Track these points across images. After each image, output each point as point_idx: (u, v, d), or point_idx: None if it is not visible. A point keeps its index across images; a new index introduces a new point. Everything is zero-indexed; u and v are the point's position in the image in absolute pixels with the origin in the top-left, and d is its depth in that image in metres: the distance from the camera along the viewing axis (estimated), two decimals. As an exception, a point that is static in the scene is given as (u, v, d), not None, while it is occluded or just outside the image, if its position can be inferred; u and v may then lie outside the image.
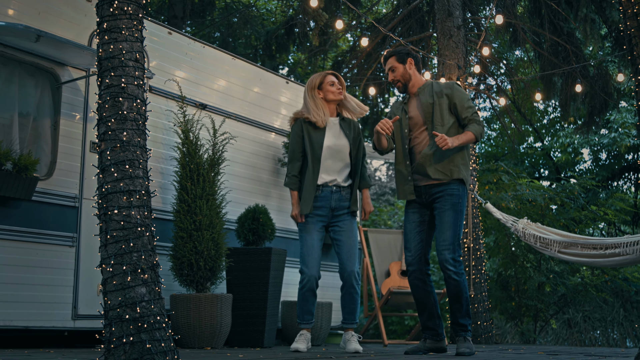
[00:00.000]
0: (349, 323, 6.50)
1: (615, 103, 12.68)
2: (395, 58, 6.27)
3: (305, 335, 6.50)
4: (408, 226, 6.22)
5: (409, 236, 6.18)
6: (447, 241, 5.97)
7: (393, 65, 6.28)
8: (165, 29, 7.99)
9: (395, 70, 6.27)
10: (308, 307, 6.47)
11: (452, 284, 6.02)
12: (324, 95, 6.55)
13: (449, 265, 5.97)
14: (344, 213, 6.47)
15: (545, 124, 20.68)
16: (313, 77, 6.66)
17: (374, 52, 13.50)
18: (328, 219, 6.47)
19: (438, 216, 6.06)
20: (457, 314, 6.12)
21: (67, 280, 6.71)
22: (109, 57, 4.50)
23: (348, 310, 6.48)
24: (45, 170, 6.67)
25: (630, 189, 19.85)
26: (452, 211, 6.01)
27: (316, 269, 6.36)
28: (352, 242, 6.45)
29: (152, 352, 4.12)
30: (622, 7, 4.89)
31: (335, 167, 6.47)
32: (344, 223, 6.46)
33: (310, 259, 6.36)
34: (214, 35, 16.83)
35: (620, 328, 15.72)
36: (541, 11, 12.03)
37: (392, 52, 6.33)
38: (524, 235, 8.70)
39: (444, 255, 5.97)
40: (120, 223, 4.29)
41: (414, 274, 6.14)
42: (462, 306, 6.10)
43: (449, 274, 5.98)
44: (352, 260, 6.39)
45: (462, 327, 6.12)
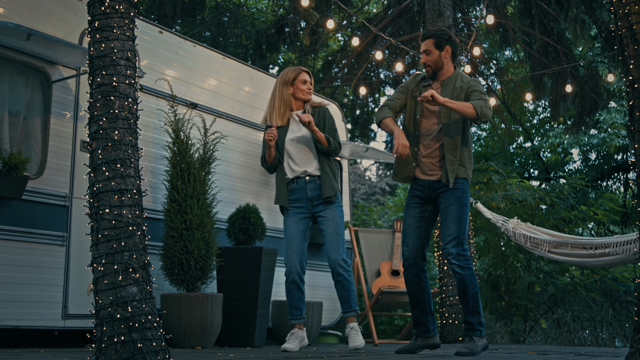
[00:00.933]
0: (347, 311, 6.49)
1: (605, 103, 12.71)
2: (434, 41, 6.01)
3: (297, 334, 6.49)
4: (408, 220, 6.13)
5: (408, 231, 6.10)
6: (451, 235, 5.90)
7: (429, 48, 6.01)
8: (156, 28, 7.97)
9: (430, 54, 6.01)
10: (294, 302, 6.48)
11: (457, 278, 5.94)
12: (293, 92, 6.58)
13: (453, 259, 5.89)
14: (321, 204, 6.49)
15: (535, 124, 20.73)
16: (287, 71, 6.65)
17: (365, 52, 13.50)
18: (309, 210, 6.51)
19: (443, 211, 5.99)
20: (464, 311, 6.04)
21: (57, 280, 6.68)
22: (101, 56, 4.49)
23: (342, 299, 6.49)
24: (35, 169, 6.65)
25: (620, 189, 19.92)
26: (456, 205, 5.93)
27: (296, 260, 6.40)
28: (334, 230, 6.43)
29: (144, 351, 4.12)
30: (613, 7, 4.90)
31: (301, 158, 6.51)
32: (325, 212, 6.48)
33: (290, 250, 6.43)
34: (204, 35, 16.80)
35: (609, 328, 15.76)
36: (531, 11, 12.06)
37: (431, 33, 6.06)
38: (514, 235, 8.73)
39: (447, 250, 5.91)
40: (111, 222, 4.29)
41: (409, 268, 6.08)
42: (469, 302, 5.98)
43: (453, 267, 5.91)
44: (335, 249, 6.39)
45: (470, 325, 6.00)
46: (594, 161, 19.56)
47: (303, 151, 6.54)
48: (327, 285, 9.72)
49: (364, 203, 24.89)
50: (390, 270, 9.38)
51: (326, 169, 6.50)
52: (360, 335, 6.46)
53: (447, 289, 10.05)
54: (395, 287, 9.15)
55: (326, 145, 6.38)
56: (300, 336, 6.53)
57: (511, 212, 11.41)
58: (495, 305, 12.67)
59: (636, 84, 4.68)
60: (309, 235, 6.58)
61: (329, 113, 6.65)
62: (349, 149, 10.37)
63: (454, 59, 6.14)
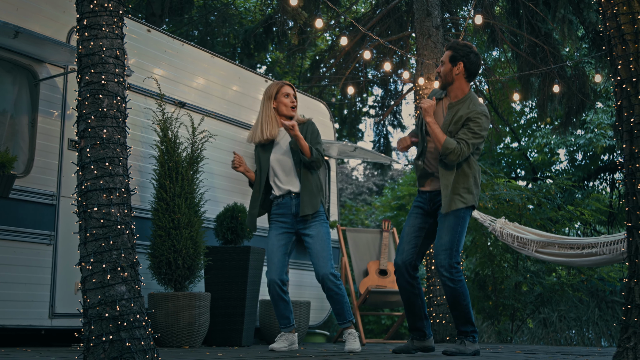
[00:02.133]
0: (342, 323, 6.48)
1: (592, 104, 12.75)
2: (449, 55, 5.90)
3: (287, 336, 6.49)
4: (407, 229, 6.07)
5: (405, 239, 6.03)
6: (444, 245, 5.77)
7: (444, 59, 5.91)
8: (144, 26, 7.95)
9: (443, 65, 5.91)
10: (280, 312, 6.48)
11: (448, 291, 5.81)
12: (276, 106, 6.47)
13: (444, 270, 5.76)
14: (307, 220, 6.42)
15: (522, 124, 20.79)
16: (270, 86, 6.55)
17: (353, 52, 13.51)
18: (293, 226, 6.46)
19: (440, 222, 5.89)
20: (456, 321, 5.94)
21: (45, 279, 6.66)
22: (89, 54, 4.48)
23: (336, 312, 6.48)
24: (22, 168, 6.62)
25: (606, 189, 20.00)
26: (453, 216, 5.80)
27: (276, 273, 6.35)
28: (319, 245, 6.36)
29: (132, 350, 4.11)
30: (601, 8, 4.92)
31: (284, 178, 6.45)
32: (309, 229, 6.41)
33: (271, 264, 6.40)
34: (192, 34, 16.77)
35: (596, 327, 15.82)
36: (519, 12, 12.09)
37: (452, 45, 5.94)
38: (501, 235, 8.75)
39: (439, 260, 5.78)
40: (100, 221, 4.27)
41: (401, 276, 6.02)
42: (460, 314, 5.87)
43: (444, 280, 5.78)
44: (322, 264, 6.32)
45: (463, 333, 5.93)
46: (581, 161, 19.62)
47: (287, 170, 6.44)
48: (315, 284, 9.70)
49: (351, 203, 24.92)
50: (377, 269, 9.39)
51: (308, 186, 6.37)
52: (358, 341, 6.44)
53: (434, 288, 10.07)
54: (382, 286, 9.16)
55: (308, 155, 6.26)
56: (291, 339, 6.52)
57: (498, 212, 11.42)
58: (482, 305, 12.69)
59: (624, 85, 4.69)
60: (290, 248, 6.50)
61: (314, 127, 6.53)
62: (337, 149, 10.38)
63: (468, 78, 5.94)
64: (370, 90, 17.73)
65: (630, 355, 4.40)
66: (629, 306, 4.51)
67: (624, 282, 4.62)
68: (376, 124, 16.43)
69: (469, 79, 5.94)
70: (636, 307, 4.45)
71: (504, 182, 12.62)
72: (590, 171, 19.22)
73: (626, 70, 4.70)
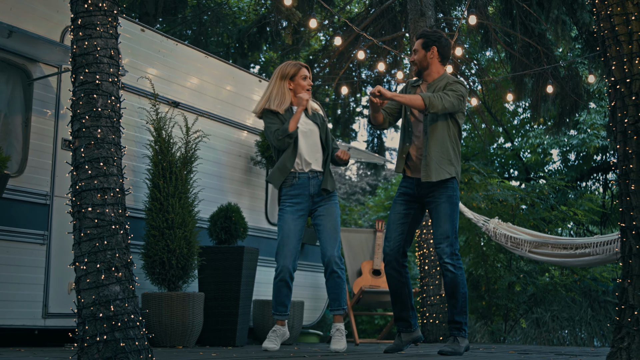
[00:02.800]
0: (335, 309, 6.31)
1: (585, 104, 12.77)
2: (421, 42, 6.07)
3: (278, 331, 6.39)
4: (392, 216, 6.09)
5: (392, 226, 6.06)
6: (444, 234, 5.84)
7: (417, 47, 6.08)
8: (138, 26, 7.95)
9: (417, 53, 6.07)
10: (281, 299, 6.32)
11: (449, 277, 5.85)
12: (294, 88, 6.40)
13: (447, 257, 5.82)
14: (324, 198, 6.34)
15: (515, 124, 20.81)
16: (286, 65, 6.45)
17: (346, 52, 13.51)
18: (308, 207, 6.32)
19: (434, 209, 5.93)
20: (452, 310, 5.96)
21: (38, 279, 6.65)
22: (84, 54, 4.48)
23: (333, 296, 6.31)
24: (16, 168, 6.61)
25: (599, 189, 20.04)
26: (448, 203, 5.88)
27: (290, 259, 6.17)
28: (332, 225, 6.28)
29: (126, 350, 4.11)
30: (595, 9, 4.93)
31: (309, 152, 6.34)
32: (324, 207, 6.32)
33: (285, 249, 6.19)
34: (185, 33, 16.75)
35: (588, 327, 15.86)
36: (512, 12, 12.11)
37: (421, 33, 6.13)
38: (495, 235, 8.77)
39: (441, 248, 5.83)
40: (94, 221, 4.27)
41: (390, 264, 6.04)
42: (458, 302, 5.91)
43: (447, 266, 5.82)
44: (332, 245, 6.22)
45: (457, 324, 5.94)
46: (574, 162, 19.66)
47: (312, 145, 6.37)
48: (309, 284, 9.74)
49: (345, 203, 24.92)
50: (371, 269, 9.40)
51: (328, 166, 6.39)
52: (344, 339, 6.33)
53: (427, 288, 10.07)
54: (376, 286, 9.16)
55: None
56: (282, 333, 6.44)
57: (492, 212, 11.44)
58: (476, 304, 12.71)
59: (618, 85, 4.71)
60: (303, 232, 6.38)
61: (323, 115, 6.59)
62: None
63: (442, 61, 6.13)
64: (364, 90, 17.74)
65: (624, 355, 4.41)
66: (623, 306, 4.52)
67: (618, 282, 4.63)
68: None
69: (442, 62, 6.14)
70: (630, 308, 4.46)
71: (497, 182, 12.65)
72: (583, 171, 19.26)
73: (620, 71, 4.72)
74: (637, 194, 4.54)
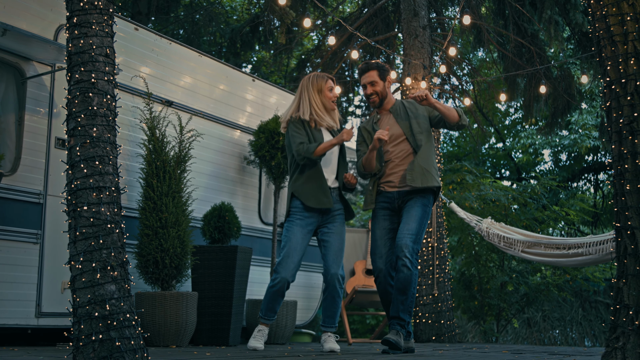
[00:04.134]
0: (328, 327, 6.32)
1: (577, 104, 12.80)
2: (378, 73, 6.26)
3: (264, 331, 6.39)
4: (378, 232, 6.13)
5: (380, 242, 6.10)
6: (411, 231, 5.90)
7: (374, 79, 6.24)
8: (131, 24, 7.93)
9: (376, 84, 6.25)
10: (273, 306, 6.32)
11: (405, 274, 5.84)
12: (320, 100, 6.38)
13: (407, 253, 5.84)
14: (334, 215, 6.31)
15: (507, 124, 20.86)
16: (316, 78, 6.44)
17: (339, 51, 13.50)
18: (317, 222, 6.29)
19: (406, 211, 6.01)
20: (399, 306, 5.93)
21: (31, 278, 6.63)
22: (79, 52, 4.46)
23: (329, 313, 6.31)
24: (9, 166, 6.58)
25: (590, 189, 20.10)
26: (420, 208, 5.99)
27: (292, 273, 6.12)
28: (339, 244, 6.25)
29: (122, 349, 4.09)
30: (590, 9, 4.94)
31: (329, 168, 6.33)
32: (333, 225, 6.28)
33: (289, 261, 6.12)
34: (177, 33, 16.72)
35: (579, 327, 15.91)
36: (505, 12, 12.12)
37: (374, 65, 6.29)
38: (488, 235, 8.78)
39: (404, 241, 5.86)
40: (89, 220, 4.25)
41: (384, 278, 6.07)
42: (407, 299, 5.92)
43: (405, 261, 5.83)
44: (337, 263, 6.18)
45: (401, 321, 5.96)
46: (565, 162, 19.72)
47: (330, 162, 6.36)
48: (302, 284, 9.73)
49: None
50: (364, 269, 9.39)
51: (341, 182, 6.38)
52: (336, 343, 6.36)
53: (420, 288, 10.09)
54: (369, 286, 9.16)
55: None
56: (266, 333, 6.43)
57: (484, 212, 11.46)
58: (468, 304, 12.73)
59: (613, 86, 4.71)
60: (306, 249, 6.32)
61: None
62: (323, 148, 10.38)
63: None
64: (357, 90, 17.75)
65: (619, 355, 4.41)
66: (618, 306, 4.53)
67: (613, 282, 4.65)
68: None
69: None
70: (625, 307, 4.47)
71: (489, 182, 12.67)
72: (575, 172, 19.32)
73: (615, 71, 4.72)
74: (633, 194, 4.55)
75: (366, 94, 6.30)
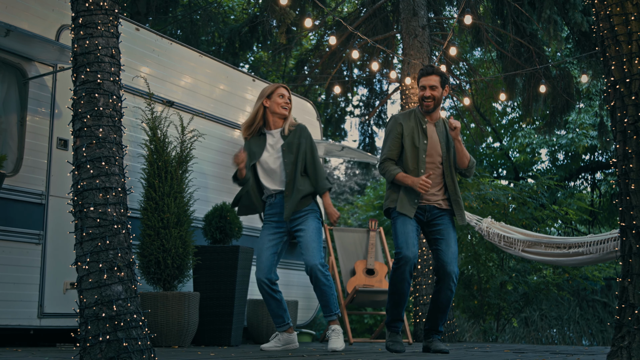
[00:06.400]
0: (328, 315, 6.41)
1: (576, 104, 12.83)
2: (440, 79, 6.37)
3: (280, 337, 6.45)
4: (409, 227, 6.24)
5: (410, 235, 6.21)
6: (454, 255, 6.24)
7: (436, 84, 6.35)
8: (132, 25, 7.93)
9: (436, 89, 6.34)
10: (272, 311, 6.43)
11: (449, 295, 6.26)
12: (269, 105, 6.47)
13: (455, 277, 6.21)
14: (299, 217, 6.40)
15: (504, 124, 20.88)
16: (267, 86, 6.63)
17: (338, 52, 13.51)
18: (285, 225, 6.43)
19: (445, 230, 6.31)
20: (439, 322, 6.39)
21: (33, 278, 6.62)
22: (85, 53, 4.46)
23: (322, 303, 6.37)
24: (11, 167, 6.57)
25: (587, 189, 20.14)
26: (453, 229, 6.34)
27: (263, 271, 6.31)
28: (309, 237, 6.32)
29: (129, 350, 4.10)
30: (594, 8, 4.94)
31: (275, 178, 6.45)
32: (300, 221, 6.38)
33: (259, 262, 6.39)
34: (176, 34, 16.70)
35: (577, 327, 15.94)
36: (503, 12, 12.13)
37: (439, 71, 6.41)
38: (488, 234, 8.78)
39: (452, 267, 6.19)
40: (96, 220, 4.26)
41: (407, 266, 6.14)
42: (446, 316, 6.40)
43: (451, 285, 6.22)
44: (313, 254, 6.25)
45: (440, 332, 6.43)
46: (562, 161, 19.74)
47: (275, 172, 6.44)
48: (302, 284, 9.73)
49: (333, 202, 24.93)
50: (365, 269, 9.40)
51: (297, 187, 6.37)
52: (341, 338, 6.36)
53: (420, 287, 10.09)
54: (370, 285, 9.17)
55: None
56: (285, 339, 6.48)
57: (484, 212, 11.47)
58: (468, 304, 12.73)
59: (618, 85, 4.72)
60: (280, 248, 6.47)
61: (307, 133, 6.56)
62: (323, 148, 10.39)
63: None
64: (355, 90, 17.76)
65: (624, 354, 4.43)
66: (623, 305, 4.54)
67: (618, 281, 4.66)
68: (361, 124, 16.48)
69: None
70: (630, 306, 4.48)
71: (488, 181, 12.68)
72: (572, 171, 19.35)
73: (619, 71, 4.73)
74: (637, 193, 4.56)
75: (423, 96, 6.38)
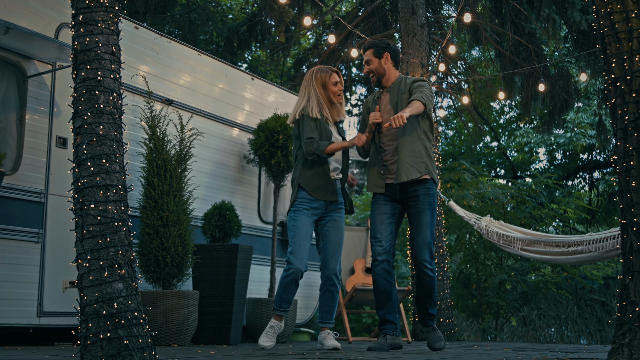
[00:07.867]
0: (326, 322, 6.36)
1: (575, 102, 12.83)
2: (373, 51, 6.21)
3: (276, 327, 6.35)
4: (379, 217, 6.13)
5: (380, 227, 6.10)
6: (425, 241, 6.02)
7: (369, 58, 6.22)
8: (132, 23, 7.91)
9: (371, 63, 6.20)
10: (288, 296, 6.25)
11: (428, 281, 6.08)
12: (326, 94, 6.40)
13: (427, 264, 6.02)
14: (336, 208, 6.35)
15: (502, 123, 20.88)
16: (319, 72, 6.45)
17: (336, 50, 13.51)
18: (321, 213, 6.31)
19: (415, 216, 6.05)
20: (427, 305, 6.20)
21: (32, 277, 6.61)
22: (85, 50, 4.45)
23: (326, 309, 6.34)
24: (10, 165, 6.56)
25: (585, 188, 20.14)
26: (429, 211, 6.05)
27: (304, 262, 6.15)
28: (339, 239, 6.31)
29: (130, 348, 4.08)
30: (595, 6, 4.94)
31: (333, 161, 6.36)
32: (333, 218, 6.32)
33: (301, 250, 6.14)
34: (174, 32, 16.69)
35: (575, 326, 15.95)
36: (502, 11, 12.13)
37: (370, 44, 6.28)
38: (487, 233, 8.77)
39: (423, 255, 6.00)
40: (96, 218, 4.24)
41: (382, 264, 6.07)
42: (432, 299, 6.19)
43: (427, 272, 6.04)
44: (336, 259, 6.25)
45: (431, 316, 6.24)
46: (560, 160, 19.75)
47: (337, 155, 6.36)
48: (302, 282, 9.68)
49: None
50: (364, 267, 9.39)
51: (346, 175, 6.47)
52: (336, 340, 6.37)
53: (419, 286, 10.08)
54: (369, 284, 9.14)
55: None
56: (279, 327, 6.41)
57: (483, 210, 11.47)
58: (466, 302, 12.74)
59: (618, 83, 4.72)
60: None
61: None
62: (322, 147, 10.38)
63: (396, 65, 6.31)
64: (354, 89, 17.77)
65: (625, 351, 4.42)
66: (624, 303, 4.53)
67: (619, 279, 4.65)
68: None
69: (396, 65, 6.31)
70: (631, 304, 4.48)
71: (487, 180, 12.68)
72: (570, 170, 19.36)
73: (620, 68, 4.73)
74: (638, 190, 4.55)
75: (365, 73, 6.29)
